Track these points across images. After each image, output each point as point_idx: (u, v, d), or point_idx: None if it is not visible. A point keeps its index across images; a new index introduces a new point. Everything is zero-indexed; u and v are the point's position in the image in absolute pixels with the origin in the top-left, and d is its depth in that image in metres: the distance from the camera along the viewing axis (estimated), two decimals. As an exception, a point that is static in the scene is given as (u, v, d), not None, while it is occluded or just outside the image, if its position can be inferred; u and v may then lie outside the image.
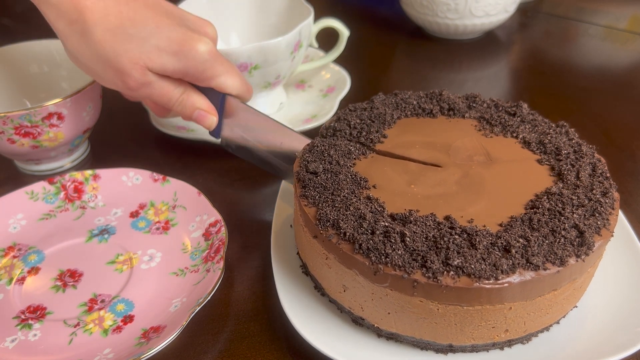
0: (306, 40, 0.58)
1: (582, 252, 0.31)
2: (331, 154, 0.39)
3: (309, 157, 0.39)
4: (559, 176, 0.37)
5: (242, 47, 0.52)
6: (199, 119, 0.45)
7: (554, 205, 0.34)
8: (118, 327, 0.38)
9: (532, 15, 0.90)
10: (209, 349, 0.38)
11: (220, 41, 0.66)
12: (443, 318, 0.32)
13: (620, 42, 0.81)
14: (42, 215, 0.48)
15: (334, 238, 0.33)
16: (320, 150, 0.40)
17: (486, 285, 0.30)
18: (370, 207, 0.34)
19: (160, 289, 0.41)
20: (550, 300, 0.32)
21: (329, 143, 0.40)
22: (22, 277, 0.43)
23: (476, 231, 0.32)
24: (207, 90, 0.45)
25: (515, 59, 0.80)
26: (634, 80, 0.71)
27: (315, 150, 0.40)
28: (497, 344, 0.34)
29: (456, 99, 0.45)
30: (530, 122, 0.43)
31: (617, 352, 0.33)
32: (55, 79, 0.59)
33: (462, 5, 0.73)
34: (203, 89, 0.45)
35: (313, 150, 0.40)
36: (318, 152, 0.40)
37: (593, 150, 0.39)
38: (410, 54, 0.81)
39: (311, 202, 0.36)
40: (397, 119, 0.44)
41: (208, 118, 0.45)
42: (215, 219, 0.44)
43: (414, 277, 0.30)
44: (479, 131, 0.42)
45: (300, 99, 0.65)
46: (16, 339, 0.38)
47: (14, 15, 0.98)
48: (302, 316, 0.36)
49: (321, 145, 0.40)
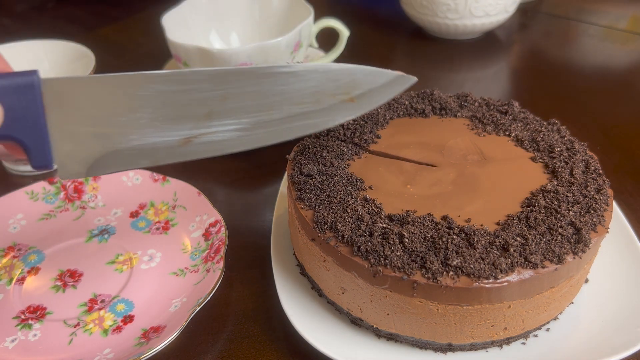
0: (306, 40, 0.58)
1: (579, 249, 0.31)
2: (324, 155, 0.39)
3: (302, 159, 0.39)
4: (553, 173, 0.37)
5: (242, 47, 0.52)
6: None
7: (550, 203, 0.34)
8: (118, 327, 0.38)
9: (532, 15, 0.90)
10: (209, 349, 0.38)
11: (221, 41, 0.66)
12: (442, 318, 0.32)
13: (620, 42, 0.81)
14: (42, 215, 0.48)
15: (332, 241, 0.33)
16: (312, 151, 0.39)
17: (486, 284, 0.30)
18: (368, 209, 0.34)
19: (160, 289, 0.41)
20: (548, 297, 0.32)
21: (319, 144, 0.40)
22: (22, 277, 0.43)
23: (474, 230, 0.32)
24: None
25: (515, 59, 0.80)
26: (634, 80, 0.71)
27: (307, 151, 0.40)
28: (495, 342, 0.34)
29: (448, 98, 0.45)
30: (522, 120, 0.43)
31: (617, 352, 0.33)
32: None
33: (462, 5, 0.73)
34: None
35: (305, 152, 0.40)
36: (310, 154, 0.39)
37: (585, 147, 0.40)
38: (410, 54, 0.81)
39: (307, 204, 0.36)
40: (389, 119, 0.44)
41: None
42: (215, 219, 0.44)
43: (413, 279, 0.30)
44: (471, 130, 0.42)
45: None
46: (16, 339, 0.38)
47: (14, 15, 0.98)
48: (302, 316, 0.36)
49: (312, 146, 0.40)
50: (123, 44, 0.86)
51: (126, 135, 0.30)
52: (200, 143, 0.32)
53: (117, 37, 0.89)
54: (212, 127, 0.32)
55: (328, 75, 0.33)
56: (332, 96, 0.33)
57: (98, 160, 0.31)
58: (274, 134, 0.33)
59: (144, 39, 0.87)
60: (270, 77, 0.32)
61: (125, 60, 0.81)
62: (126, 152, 0.31)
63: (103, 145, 0.30)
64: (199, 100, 0.31)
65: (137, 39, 0.88)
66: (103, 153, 0.30)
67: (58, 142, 0.29)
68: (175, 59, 0.57)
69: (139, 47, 0.85)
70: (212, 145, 0.32)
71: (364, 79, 0.34)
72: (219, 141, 0.32)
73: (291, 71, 0.32)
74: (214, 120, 0.32)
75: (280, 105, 0.32)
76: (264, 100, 0.32)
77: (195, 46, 0.53)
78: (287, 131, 0.33)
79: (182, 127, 0.31)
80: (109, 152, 0.31)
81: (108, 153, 0.31)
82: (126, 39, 0.88)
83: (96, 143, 0.30)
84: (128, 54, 0.83)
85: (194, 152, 0.32)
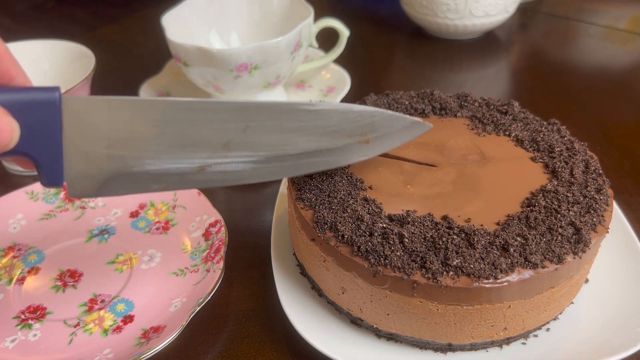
0: (306, 40, 0.58)
1: (579, 249, 0.31)
2: None
3: None
4: (553, 173, 0.37)
5: (242, 47, 0.52)
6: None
7: (550, 203, 0.34)
8: (118, 327, 0.38)
9: (532, 15, 0.90)
10: (209, 349, 0.38)
11: (221, 41, 0.66)
12: (442, 318, 0.32)
13: (620, 42, 0.81)
14: (42, 215, 0.48)
15: (332, 241, 0.33)
16: None
17: (486, 284, 0.30)
18: (368, 209, 0.34)
19: (160, 289, 0.41)
20: (548, 297, 0.32)
21: None
22: (22, 277, 0.43)
23: (474, 230, 0.32)
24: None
25: (515, 59, 0.80)
26: (633, 80, 0.71)
27: None
28: (495, 343, 0.34)
29: (447, 98, 0.45)
30: (522, 120, 0.43)
31: (617, 352, 0.33)
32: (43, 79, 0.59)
33: (462, 5, 0.73)
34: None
35: None
36: None
37: (585, 147, 0.40)
38: (410, 54, 0.81)
39: (307, 204, 0.36)
40: None
41: (1, 125, 0.25)
42: (215, 219, 0.44)
43: (413, 279, 0.30)
44: (471, 130, 0.42)
45: (300, 99, 0.65)
46: (16, 339, 0.38)
47: (14, 15, 0.98)
48: (302, 316, 0.36)
49: None
50: (123, 44, 0.86)
51: (141, 159, 0.30)
52: (213, 172, 0.32)
53: (117, 37, 0.89)
54: (227, 157, 0.32)
55: (348, 116, 0.33)
56: (349, 137, 0.34)
57: (109, 181, 0.30)
58: (287, 169, 0.33)
59: (143, 38, 0.87)
60: (291, 113, 0.32)
61: (125, 60, 0.81)
62: (138, 176, 0.30)
63: (116, 167, 0.30)
64: (219, 131, 0.31)
65: (137, 38, 0.88)
66: (115, 175, 0.30)
67: (71, 161, 0.29)
68: (175, 59, 0.57)
69: (139, 47, 0.85)
70: (224, 175, 0.32)
71: (382, 122, 0.34)
72: (232, 172, 0.32)
73: (313, 109, 0.32)
74: (230, 151, 0.31)
75: (296, 141, 0.32)
76: (282, 135, 0.32)
77: (195, 46, 0.53)
78: (300, 167, 0.33)
79: (199, 156, 0.31)
80: (121, 175, 0.30)
81: (120, 175, 0.30)
82: (126, 39, 0.88)
83: (109, 165, 0.30)
84: (128, 54, 0.83)
85: (206, 180, 0.32)
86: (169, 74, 0.68)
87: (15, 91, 0.26)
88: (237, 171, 0.32)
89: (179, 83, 0.67)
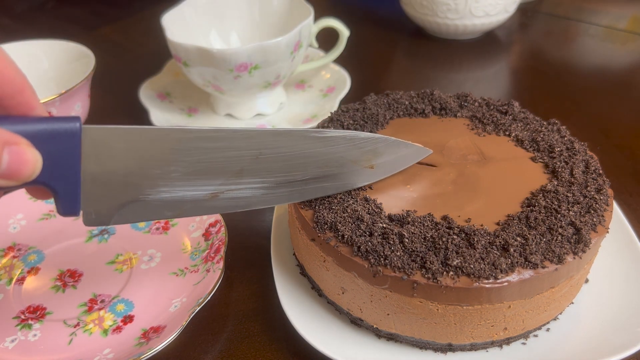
0: (306, 40, 0.58)
1: (579, 249, 0.31)
2: None
3: None
4: (553, 173, 0.37)
5: (242, 47, 0.52)
6: (14, 165, 0.24)
7: (550, 203, 0.34)
8: (118, 327, 0.38)
9: (532, 15, 0.90)
10: (209, 349, 0.38)
11: (221, 41, 0.66)
12: (443, 318, 0.32)
13: (620, 42, 0.81)
14: (42, 215, 0.48)
15: (332, 241, 0.33)
16: None
17: (486, 284, 0.30)
18: (368, 209, 0.34)
19: (160, 289, 0.41)
20: (548, 297, 0.32)
21: None
22: (22, 277, 0.43)
23: (474, 230, 0.32)
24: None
25: (515, 59, 0.80)
26: (633, 80, 0.71)
27: None
28: (495, 343, 0.34)
29: (448, 98, 0.45)
30: (522, 120, 0.43)
31: (617, 352, 0.33)
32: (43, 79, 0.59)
33: (462, 5, 0.73)
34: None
35: None
36: None
37: (585, 147, 0.40)
38: (410, 54, 0.81)
39: (307, 204, 0.36)
40: (389, 119, 0.44)
41: (26, 157, 0.25)
42: (215, 219, 0.44)
43: (413, 279, 0.30)
44: (471, 130, 0.42)
45: (300, 99, 0.65)
46: (16, 339, 0.38)
47: (14, 15, 0.98)
48: (302, 316, 0.36)
49: None
50: (123, 44, 0.86)
51: (157, 187, 0.30)
52: (225, 198, 0.32)
53: (117, 37, 0.89)
54: (240, 184, 0.32)
55: (354, 142, 0.34)
56: (355, 162, 0.35)
57: (124, 209, 0.30)
58: (295, 194, 0.34)
59: (144, 39, 0.87)
60: (303, 140, 0.33)
61: (125, 60, 0.81)
62: (153, 204, 0.31)
63: (132, 195, 0.30)
64: (233, 158, 0.31)
65: (137, 39, 0.88)
66: (130, 203, 0.30)
67: (88, 190, 0.29)
68: (175, 59, 0.57)
69: (139, 47, 0.85)
70: (236, 201, 0.33)
71: (386, 149, 0.35)
72: (243, 197, 0.33)
73: (322, 136, 0.33)
74: (243, 177, 0.32)
75: (305, 167, 0.33)
76: (292, 162, 0.33)
77: (195, 46, 0.53)
78: (308, 192, 0.35)
79: (213, 183, 0.32)
80: (136, 203, 0.30)
81: (135, 204, 0.30)
82: (126, 39, 0.88)
83: (125, 193, 0.30)
84: (128, 54, 0.83)
85: (218, 206, 0.33)
86: (169, 74, 0.68)
87: (36, 121, 0.26)
88: (248, 197, 0.33)
89: (179, 83, 0.67)
